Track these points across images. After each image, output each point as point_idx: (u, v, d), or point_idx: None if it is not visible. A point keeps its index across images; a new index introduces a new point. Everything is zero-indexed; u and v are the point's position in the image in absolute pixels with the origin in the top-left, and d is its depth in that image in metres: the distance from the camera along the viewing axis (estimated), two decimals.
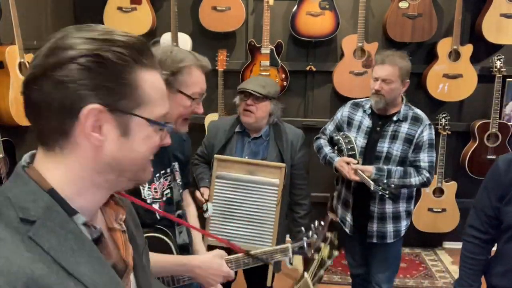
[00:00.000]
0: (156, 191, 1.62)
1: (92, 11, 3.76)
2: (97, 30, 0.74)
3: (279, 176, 2.32)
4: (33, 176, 0.74)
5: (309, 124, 3.96)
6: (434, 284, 3.55)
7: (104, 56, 0.71)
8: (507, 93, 3.79)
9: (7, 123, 2.76)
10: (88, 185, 0.76)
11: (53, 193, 0.73)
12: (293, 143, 2.44)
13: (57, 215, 0.72)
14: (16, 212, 0.69)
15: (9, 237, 0.67)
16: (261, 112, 2.35)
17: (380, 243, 2.58)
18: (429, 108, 3.74)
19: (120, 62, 0.72)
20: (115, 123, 0.74)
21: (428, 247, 4.09)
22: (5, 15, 2.73)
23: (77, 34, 0.73)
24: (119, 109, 0.73)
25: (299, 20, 3.67)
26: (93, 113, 0.71)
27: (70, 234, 0.72)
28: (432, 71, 3.66)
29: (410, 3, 3.58)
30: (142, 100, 0.75)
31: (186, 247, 1.69)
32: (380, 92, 2.43)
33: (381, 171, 2.41)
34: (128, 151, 0.76)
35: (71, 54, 0.70)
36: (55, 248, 0.69)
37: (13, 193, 0.72)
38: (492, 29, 3.58)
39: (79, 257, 0.72)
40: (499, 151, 3.67)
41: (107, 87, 0.72)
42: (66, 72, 0.70)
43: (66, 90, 0.70)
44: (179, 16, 3.66)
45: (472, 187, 3.94)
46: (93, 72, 0.70)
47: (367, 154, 2.51)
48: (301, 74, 3.92)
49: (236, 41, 3.91)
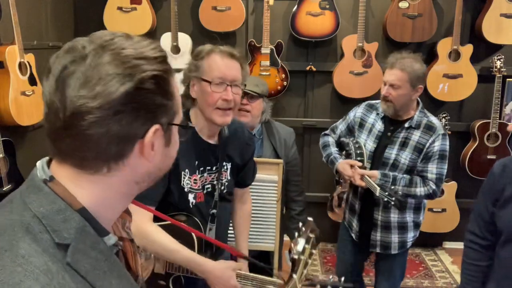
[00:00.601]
0: (196, 182, 1.69)
1: (92, 11, 3.76)
2: (142, 47, 0.71)
3: (277, 172, 2.34)
4: (59, 193, 0.68)
5: (309, 124, 3.97)
6: (434, 284, 3.56)
7: (159, 76, 0.70)
8: (507, 93, 3.79)
9: (7, 123, 2.76)
10: (122, 197, 0.75)
11: (84, 213, 0.69)
12: (286, 141, 2.47)
13: (89, 236, 0.68)
14: (51, 236, 0.64)
15: (54, 267, 0.62)
16: (256, 111, 2.40)
17: (384, 253, 2.50)
18: (429, 108, 3.72)
19: (166, 77, 0.72)
20: (164, 137, 0.74)
21: (428, 247, 4.08)
22: (5, 15, 2.73)
23: (131, 55, 0.69)
24: (168, 123, 0.74)
25: (299, 20, 3.67)
26: (155, 134, 0.71)
27: (100, 254, 0.69)
28: (432, 71, 3.66)
29: (410, 3, 3.58)
30: (177, 108, 0.76)
31: (210, 245, 1.73)
32: (387, 98, 2.31)
33: (386, 177, 2.32)
34: (168, 158, 0.77)
35: (137, 79, 0.68)
36: (90, 273, 0.66)
37: (41, 213, 0.66)
38: (492, 29, 3.58)
39: (111, 278, 0.69)
40: (499, 151, 3.67)
41: (162, 105, 0.71)
42: (128, 99, 0.67)
43: (129, 117, 0.67)
44: (179, 16, 3.66)
45: (472, 187, 3.94)
46: (155, 93, 0.70)
47: (375, 159, 2.41)
48: (301, 74, 3.92)
49: (236, 41, 3.91)
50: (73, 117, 0.66)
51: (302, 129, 4.00)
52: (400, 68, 2.27)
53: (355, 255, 2.64)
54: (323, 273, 3.66)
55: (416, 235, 2.52)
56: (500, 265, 1.67)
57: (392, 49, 3.79)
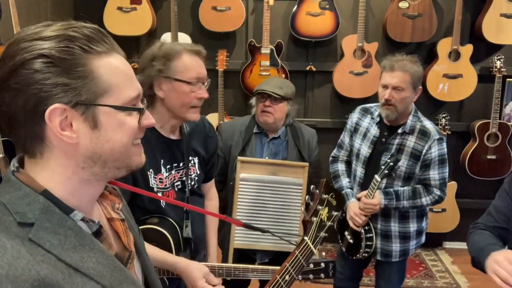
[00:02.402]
0: (162, 181, 1.66)
1: (92, 11, 3.76)
2: (39, 29, 0.73)
3: (302, 175, 2.32)
4: (24, 181, 0.74)
5: (309, 124, 3.93)
6: (434, 284, 3.55)
7: (49, 55, 0.70)
8: (507, 93, 3.79)
9: None
10: (77, 183, 0.77)
11: (47, 194, 0.74)
12: (309, 142, 2.44)
13: (54, 215, 0.73)
14: (14, 217, 0.70)
15: (9, 243, 0.67)
16: (279, 113, 2.34)
17: (385, 261, 2.46)
18: (429, 108, 3.74)
19: (67, 57, 0.71)
20: (83, 117, 0.73)
21: (428, 247, 4.08)
22: (5, 15, 2.73)
23: (21, 39, 0.72)
24: (81, 103, 0.72)
25: (299, 20, 3.67)
26: (56, 113, 0.71)
27: (70, 231, 0.73)
28: (432, 71, 3.66)
29: (410, 3, 3.58)
30: (102, 88, 0.74)
31: (189, 241, 1.73)
32: (390, 101, 2.23)
33: (388, 195, 2.27)
34: (104, 142, 0.76)
35: (18, 60, 0.70)
36: (56, 247, 0.70)
37: (7, 199, 0.72)
38: (492, 29, 3.58)
39: (81, 252, 0.73)
40: (499, 151, 3.67)
41: (63, 84, 0.71)
42: (17, 79, 0.70)
43: (24, 96, 0.70)
44: (179, 16, 3.66)
45: (472, 187, 3.95)
46: (44, 73, 0.70)
47: (370, 165, 2.36)
48: (301, 74, 3.92)
49: (236, 41, 3.91)
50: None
51: None
52: (402, 69, 2.21)
53: (354, 265, 2.60)
54: None
55: (421, 241, 2.49)
56: None
57: (392, 49, 3.80)
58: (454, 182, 3.83)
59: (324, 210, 1.43)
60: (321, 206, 1.43)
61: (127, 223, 0.91)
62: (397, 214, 2.38)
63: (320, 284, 3.53)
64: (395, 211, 2.37)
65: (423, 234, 2.49)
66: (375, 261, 2.60)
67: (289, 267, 1.31)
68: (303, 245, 1.37)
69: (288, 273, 1.30)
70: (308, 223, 1.40)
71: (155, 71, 1.58)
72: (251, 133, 2.41)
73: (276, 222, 2.31)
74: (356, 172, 2.46)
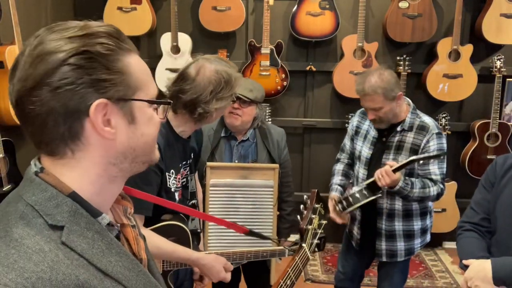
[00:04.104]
0: (179, 181, 1.76)
1: (92, 11, 3.76)
2: (72, 26, 0.73)
3: (273, 177, 2.31)
4: (50, 182, 0.72)
5: (309, 124, 3.97)
6: (434, 284, 3.56)
7: (93, 51, 0.70)
8: (507, 93, 3.79)
9: (7, 123, 2.76)
10: (106, 181, 0.77)
11: (75, 196, 0.72)
12: (278, 142, 2.42)
13: (82, 218, 0.72)
14: (45, 219, 0.68)
15: (46, 246, 0.66)
16: (247, 116, 2.31)
17: (389, 261, 2.45)
18: (429, 108, 3.74)
19: (109, 53, 0.72)
20: (121, 113, 0.74)
21: (428, 247, 4.08)
22: (5, 15, 2.73)
23: (55, 36, 0.71)
24: (121, 98, 0.73)
25: (299, 20, 3.67)
26: (100, 108, 0.71)
27: (97, 234, 0.72)
28: (432, 71, 3.66)
29: (410, 3, 3.58)
30: (136, 84, 0.75)
31: (196, 233, 1.83)
32: (376, 120, 2.30)
33: (406, 180, 2.27)
34: (140, 136, 0.77)
35: (60, 57, 0.69)
36: (87, 251, 0.69)
37: (34, 201, 0.70)
38: (492, 29, 3.58)
39: (109, 256, 0.72)
40: (499, 151, 3.67)
41: (104, 79, 0.71)
42: (60, 76, 0.68)
43: (66, 93, 0.69)
44: (179, 16, 3.66)
45: (472, 187, 3.91)
46: (87, 68, 0.70)
47: (373, 165, 2.37)
48: (301, 74, 3.92)
49: (236, 41, 3.91)
50: (19, 103, 0.71)
51: (302, 129, 4.00)
52: (372, 91, 2.22)
53: (356, 265, 2.61)
54: (323, 273, 3.66)
55: (426, 240, 2.49)
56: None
57: (392, 49, 3.80)
58: (454, 182, 3.83)
59: (316, 219, 1.53)
60: (314, 214, 1.52)
61: (138, 230, 0.90)
62: (401, 213, 2.39)
63: (320, 284, 3.55)
64: (398, 210, 2.38)
65: (428, 233, 2.49)
66: (377, 262, 2.59)
67: (290, 272, 1.37)
68: (301, 252, 1.45)
69: (289, 278, 1.36)
70: (305, 231, 1.49)
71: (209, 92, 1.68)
72: (219, 137, 2.38)
73: (249, 225, 2.30)
74: (359, 173, 2.47)
